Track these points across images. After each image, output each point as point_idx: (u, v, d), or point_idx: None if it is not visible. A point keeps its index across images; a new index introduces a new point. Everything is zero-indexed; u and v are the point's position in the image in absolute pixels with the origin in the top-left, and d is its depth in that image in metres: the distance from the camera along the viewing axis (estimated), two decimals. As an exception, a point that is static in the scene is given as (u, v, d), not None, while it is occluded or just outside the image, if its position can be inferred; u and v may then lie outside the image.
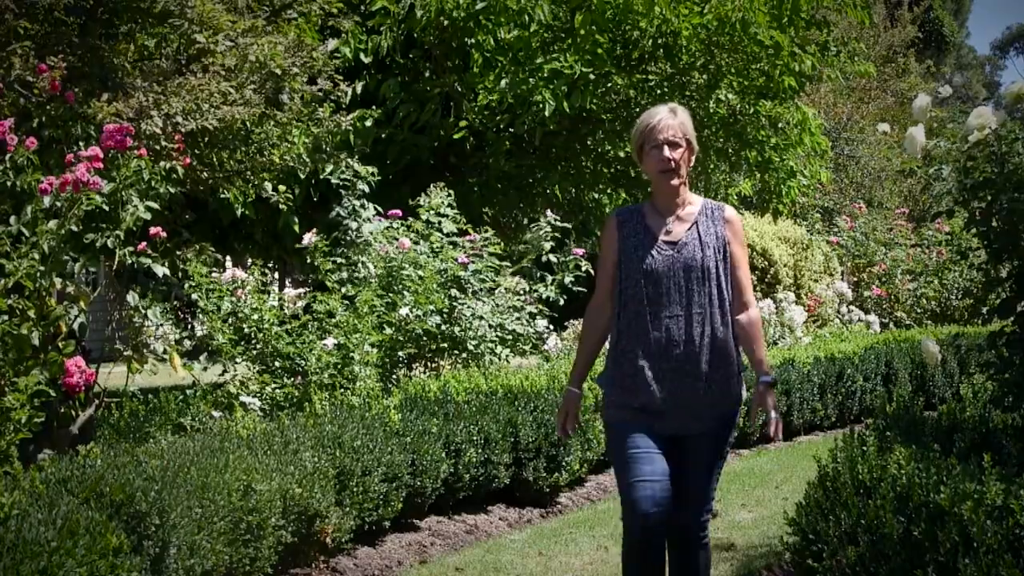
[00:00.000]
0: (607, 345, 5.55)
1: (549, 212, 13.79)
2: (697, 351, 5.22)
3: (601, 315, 5.48)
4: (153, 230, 7.75)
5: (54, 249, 6.70)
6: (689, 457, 5.33)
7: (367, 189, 11.86)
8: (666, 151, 5.32)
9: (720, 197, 18.55)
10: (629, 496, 5.18)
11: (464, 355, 11.29)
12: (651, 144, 5.37)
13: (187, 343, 9.25)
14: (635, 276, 5.31)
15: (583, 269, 13.04)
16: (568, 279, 12.97)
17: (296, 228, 13.09)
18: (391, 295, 10.53)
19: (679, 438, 5.30)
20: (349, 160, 11.75)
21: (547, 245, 13.29)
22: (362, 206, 11.51)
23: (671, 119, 5.38)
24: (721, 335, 5.26)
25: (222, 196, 11.47)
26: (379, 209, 11.78)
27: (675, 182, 5.36)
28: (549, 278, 13.04)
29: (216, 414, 8.60)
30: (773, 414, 5.23)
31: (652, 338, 5.24)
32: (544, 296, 12.74)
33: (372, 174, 12.33)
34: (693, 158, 5.47)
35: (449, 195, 12.10)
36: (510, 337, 11.79)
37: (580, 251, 13.28)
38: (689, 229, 5.35)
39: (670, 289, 5.25)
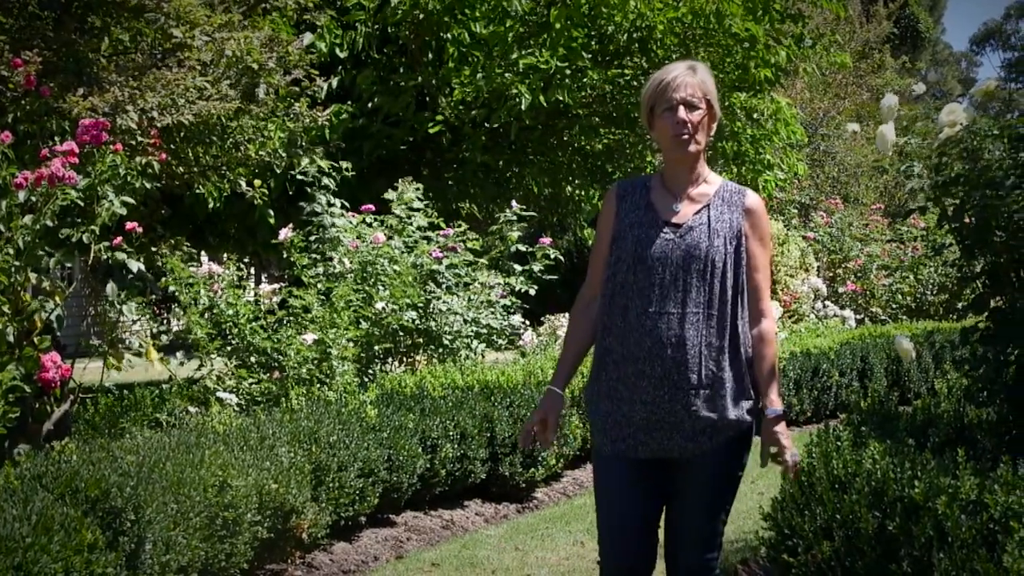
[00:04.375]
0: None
1: (515, 203, 13.69)
2: (690, 358, 4.31)
3: (591, 306, 4.60)
4: (129, 225, 7.73)
5: (29, 244, 6.68)
6: (686, 489, 4.48)
7: (334, 185, 11.82)
8: (681, 112, 4.42)
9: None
10: (601, 549, 4.62)
11: (439, 350, 11.29)
12: (664, 105, 4.45)
13: (163, 338, 9.22)
14: (626, 260, 4.44)
15: (552, 258, 13.05)
16: (538, 269, 12.96)
17: (271, 223, 13.05)
18: (367, 289, 10.52)
19: (670, 464, 4.45)
20: (314, 157, 11.73)
21: (514, 236, 13.19)
22: (329, 203, 11.47)
23: (689, 76, 4.47)
24: (722, 343, 4.37)
25: (198, 191, 11.45)
26: (347, 204, 11.75)
27: (692, 149, 4.47)
28: (519, 269, 13.03)
29: (192, 409, 8.58)
30: (788, 456, 4.32)
31: (637, 336, 4.37)
32: (516, 288, 12.72)
33: (347, 169, 12.32)
34: (715, 125, 4.61)
35: (418, 189, 12.08)
36: (485, 331, 11.79)
37: (547, 240, 13.29)
38: (698, 212, 4.48)
39: (664, 280, 4.37)
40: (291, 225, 10.87)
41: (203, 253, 11.11)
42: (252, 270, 19.10)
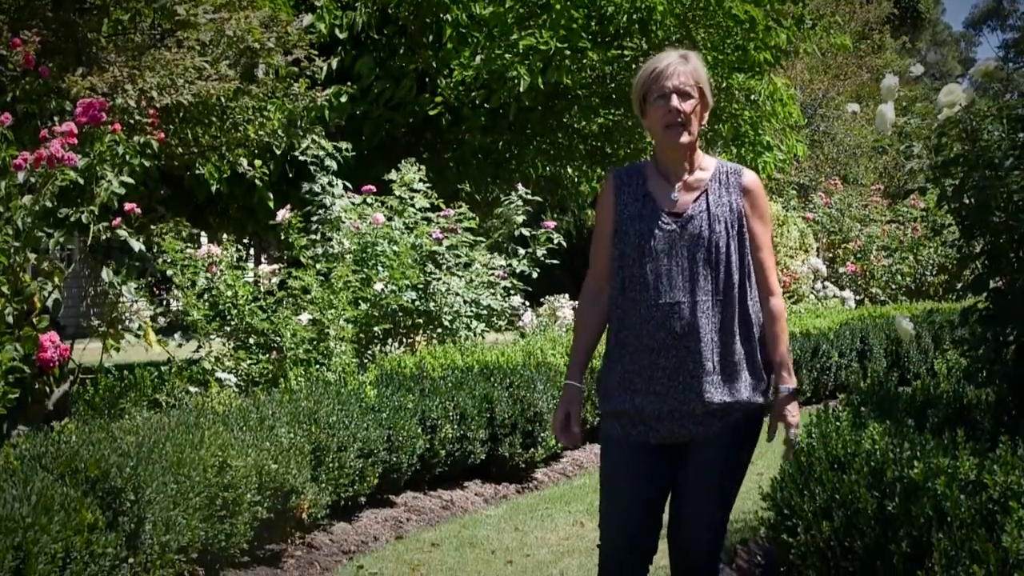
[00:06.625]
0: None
1: (520, 186, 13.72)
2: (703, 346, 4.30)
3: (598, 297, 4.56)
4: (128, 206, 7.71)
5: (28, 225, 6.67)
6: (694, 471, 4.45)
7: (335, 166, 11.81)
8: (675, 101, 4.36)
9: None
10: (603, 529, 4.59)
11: (439, 331, 11.29)
12: (656, 93, 4.40)
13: (162, 319, 9.21)
14: (632, 254, 4.40)
15: (555, 242, 13.05)
16: (540, 252, 12.96)
17: (271, 204, 13.05)
18: (366, 270, 10.51)
19: (680, 448, 4.43)
20: (316, 137, 11.70)
21: (519, 219, 13.22)
22: (330, 183, 11.45)
23: (682, 65, 4.42)
24: (733, 328, 4.36)
25: (197, 172, 11.44)
26: (348, 185, 11.74)
27: (685, 139, 4.40)
28: (522, 252, 13.04)
29: (191, 390, 8.58)
30: (792, 433, 4.40)
31: (650, 329, 4.34)
32: (518, 270, 12.74)
33: (346, 150, 12.30)
34: (707, 113, 4.54)
35: (419, 170, 12.07)
36: (485, 312, 11.79)
37: (551, 224, 13.28)
38: (697, 199, 4.44)
39: (672, 271, 4.34)
40: (289, 206, 10.86)
41: (203, 234, 11.11)
42: (251, 251, 19.11)
